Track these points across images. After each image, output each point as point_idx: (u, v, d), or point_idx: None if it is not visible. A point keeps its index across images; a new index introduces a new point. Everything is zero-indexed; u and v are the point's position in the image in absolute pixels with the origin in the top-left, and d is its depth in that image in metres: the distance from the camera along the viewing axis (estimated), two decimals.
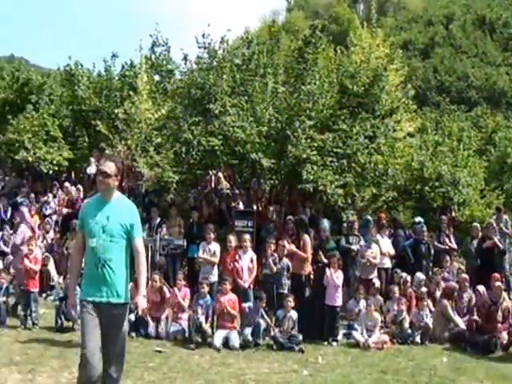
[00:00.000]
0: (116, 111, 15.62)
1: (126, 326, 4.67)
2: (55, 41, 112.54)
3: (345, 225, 12.16)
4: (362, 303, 9.87)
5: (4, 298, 9.58)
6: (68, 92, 18.73)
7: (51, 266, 12.01)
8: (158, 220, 12.38)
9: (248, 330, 8.89)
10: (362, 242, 11.34)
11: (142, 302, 4.61)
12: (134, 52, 17.25)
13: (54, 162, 17.03)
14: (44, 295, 11.32)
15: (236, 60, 13.53)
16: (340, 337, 9.50)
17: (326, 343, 9.27)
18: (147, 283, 9.14)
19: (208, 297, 9.18)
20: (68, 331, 9.02)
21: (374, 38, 16.86)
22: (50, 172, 17.33)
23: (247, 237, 10.38)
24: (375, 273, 11.16)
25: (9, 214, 14.70)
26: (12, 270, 10.90)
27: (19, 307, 9.86)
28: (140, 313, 4.47)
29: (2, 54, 50.69)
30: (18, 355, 7.68)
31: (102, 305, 4.54)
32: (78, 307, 4.81)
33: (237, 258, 10.10)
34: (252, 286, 10.08)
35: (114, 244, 4.57)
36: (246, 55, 13.65)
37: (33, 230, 11.12)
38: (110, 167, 4.61)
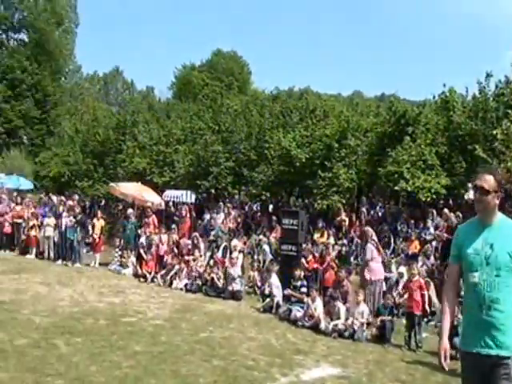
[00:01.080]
0: (494, 132, 14.85)
1: None
2: (423, 74, 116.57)
3: None
4: None
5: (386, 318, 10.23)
6: (443, 119, 18.81)
7: (432, 292, 12.02)
8: None
9: None
10: None
11: None
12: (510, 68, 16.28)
13: (432, 189, 17.16)
14: (425, 320, 11.39)
15: None
16: None
17: None
18: None
19: None
20: (453, 359, 8.75)
21: None
22: (428, 199, 17.54)
23: None
24: None
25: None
26: None
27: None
28: None
29: (373, 94, 58.55)
30: (403, 374, 8.00)
31: (487, 358, 3.71)
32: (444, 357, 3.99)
33: None
34: None
35: (501, 279, 3.68)
36: None
37: (378, 249, 11.74)
38: (487, 181, 3.78)
